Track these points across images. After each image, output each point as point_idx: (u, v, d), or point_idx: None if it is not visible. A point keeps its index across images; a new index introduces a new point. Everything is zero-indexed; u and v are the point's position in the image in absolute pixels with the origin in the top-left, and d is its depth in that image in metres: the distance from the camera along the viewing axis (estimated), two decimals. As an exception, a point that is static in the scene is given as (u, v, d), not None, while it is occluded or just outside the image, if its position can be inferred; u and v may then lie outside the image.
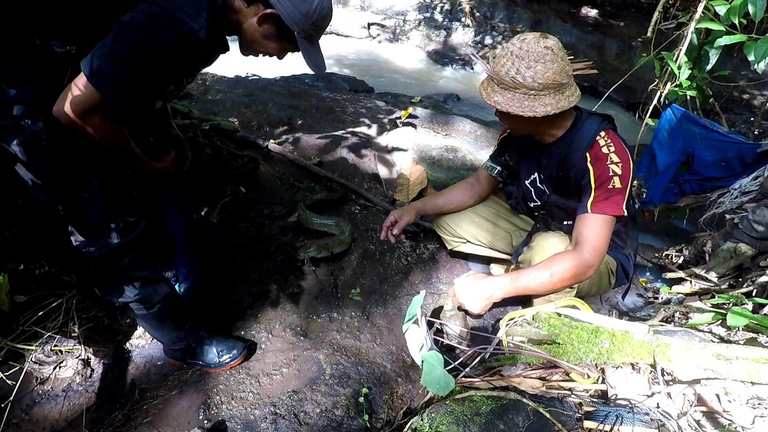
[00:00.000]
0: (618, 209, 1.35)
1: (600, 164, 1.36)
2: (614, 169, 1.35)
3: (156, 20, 1.08)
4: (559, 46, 1.32)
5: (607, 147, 1.37)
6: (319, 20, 1.24)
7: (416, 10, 7.31)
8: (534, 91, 1.29)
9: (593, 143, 1.38)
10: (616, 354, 1.20)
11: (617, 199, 1.34)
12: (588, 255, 1.34)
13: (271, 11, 1.19)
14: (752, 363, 1.06)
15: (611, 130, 1.42)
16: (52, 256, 1.74)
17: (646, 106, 2.98)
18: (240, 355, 1.58)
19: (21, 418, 1.40)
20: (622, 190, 1.34)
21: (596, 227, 1.36)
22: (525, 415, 1.08)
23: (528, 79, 1.28)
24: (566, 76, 1.31)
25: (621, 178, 1.34)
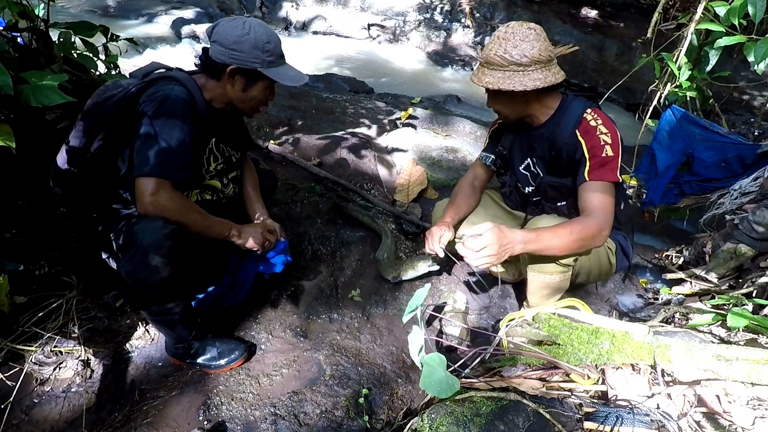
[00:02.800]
0: (614, 175, 1.41)
1: (590, 136, 1.43)
2: (605, 139, 1.41)
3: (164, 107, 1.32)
4: (541, 29, 1.41)
5: (595, 120, 1.45)
6: (267, 45, 1.39)
7: (416, 11, 7.31)
8: (522, 66, 1.37)
9: (581, 120, 1.46)
10: (617, 355, 1.20)
11: (612, 166, 1.41)
12: (599, 218, 1.39)
13: (231, 68, 1.38)
14: (752, 364, 1.06)
15: (597, 107, 1.50)
16: (52, 257, 1.74)
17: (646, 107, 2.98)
18: (240, 357, 1.58)
19: (21, 418, 1.40)
20: (615, 157, 1.41)
21: (599, 193, 1.41)
22: (525, 416, 1.08)
23: (515, 56, 1.37)
24: (550, 54, 1.40)
25: (612, 147, 1.41)
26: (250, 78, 1.42)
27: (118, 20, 7.08)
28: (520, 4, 6.96)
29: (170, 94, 1.33)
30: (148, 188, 1.28)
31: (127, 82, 1.41)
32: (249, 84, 1.43)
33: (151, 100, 1.32)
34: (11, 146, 1.31)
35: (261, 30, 1.38)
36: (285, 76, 1.43)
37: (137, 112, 1.33)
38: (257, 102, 1.49)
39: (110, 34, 2.15)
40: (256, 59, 1.37)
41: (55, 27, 1.87)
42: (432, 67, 6.69)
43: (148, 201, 1.28)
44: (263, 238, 1.53)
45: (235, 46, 1.35)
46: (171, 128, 1.31)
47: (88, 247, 1.74)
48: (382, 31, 7.39)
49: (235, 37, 1.35)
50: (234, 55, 1.36)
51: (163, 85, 1.35)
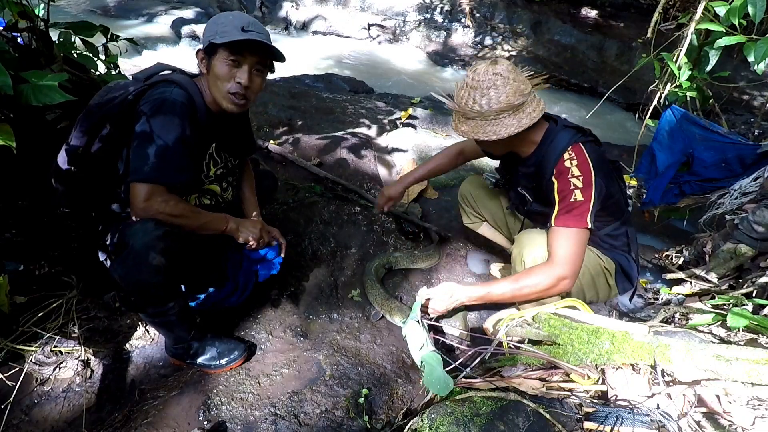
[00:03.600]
0: (581, 222, 1.36)
1: (562, 178, 1.39)
2: (575, 183, 1.37)
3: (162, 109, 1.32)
4: (509, 68, 1.38)
5: (570, 161, 1.40)
6: (225, 18, 1.37)
7: (416, 11, 7.31)
8: (492, 115, 1.36)
9: (559, 159, 1.41)
10: (617, 355, 1.20)
11: (579, 212, 1.36)
12: (558, 267, 1.36)
13: (198, 50, 1.42)
14: (752, 364, 1.06)
15: (581, 143, 1.43)
16: (52, 257, 1.74)
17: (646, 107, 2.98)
18: (240, 357, 1.58)
19: (21, 418, 1.40)
20: (584, 202, 1.36)
21: (562, 240, 1.38)
22: (525, 415, 1.08)
23: (484, 107, 1.36)
24: (521, 96, 1.36)
25: (582, 191, 1.36)
26: (208, 54, 1.38)
27: (118, 20, 7.08)
28: (520, 4, 6.96)
29: (169, 97, 1.32)
30: (141, 194, 1.27)
31: (129, 83, 1.41)
32: (210, 63, 1.38)
33: (149, 102, 1.32)
34: (11, 146, 1.31)
35: (228, 12, 1.40)
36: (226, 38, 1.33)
37: (136, 112, 1.33)
38: (222, 81, 1.38)
39: (110, 34, 2.15)
40: (211, 33, 1.35)
41: (55, 27, 1.87)
42: (432, 67, 6.70)
43: (140, 207, 1.27)
44: (260, 233, 1.52)
45: (203, 33, 1.40)
46: (168, 130, 1.29)
47: (88, 247, 1.74)
48: (382, 31, 7.39)
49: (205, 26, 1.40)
50: (202, 41, 1.39)
51: (163, 87, 1.35)
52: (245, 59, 1.37)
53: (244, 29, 1.33)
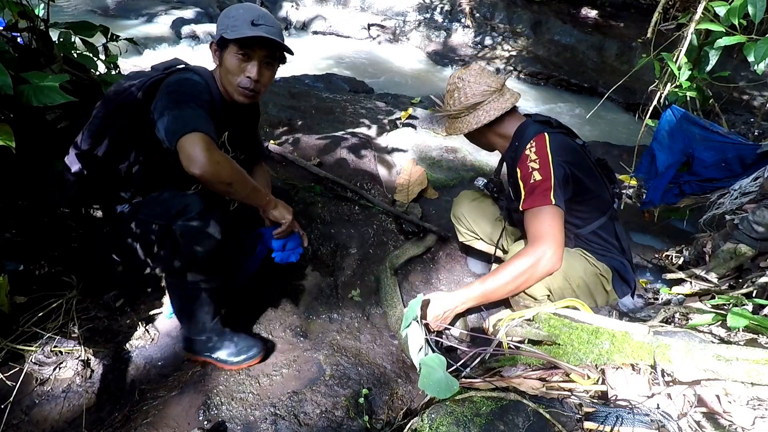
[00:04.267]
0: (545, 199, 1.37)
1: (522, 165, 1.46)
2: (532, 165, 1.42)
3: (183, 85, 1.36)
4: (473, 72, 1.57)
5: (529, 149, 1.45)
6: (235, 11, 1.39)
7: (416, 10, 7.31)
8: (455, 113, 1.59)
9: (523, 150, 1.47)
10: (617, 355, 1.20)
11: (541, 191, 1.39)
12: (536, 243, 1.37)
13: (210, 42, 1.46)
14: (752, 364, 1.06)
15: (545, 133, 1.47)
16: (52, 257, 1.74)
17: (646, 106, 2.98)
18: (258, 355, 1.57)
19: (21, 419, 1.40)
20: (543, 180, 1.39)
21: (532, 220, 1.40)
22: (525, 416, 1.08)
23: (451, 107, 1.60)
24: (480, 95, 1.54)
25: (540, 171, 1.40)
26: (220, 48, 1.42)
27: (118, 20, 7.08)
28: (520, 4, 6.96)
29: (190, 78, 1.38)
30: (197, 145, 1.22)
31: (149, 72, 1.43)
32: (222, 54, 1.42)
33: (171, 82, 1.36)
34: (11, 146, 1.31)
35: (239, 4, 1.42)
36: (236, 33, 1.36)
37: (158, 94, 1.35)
38: (232, 74, 1.42)
39: (110, 34, 2.15)
40: (223, 26, 1.38)
41: (55, 27, 1.87)
42: (432, 67, 6.70)
43: (202, 158, 1.21)
44: (292, 217, 1.53)
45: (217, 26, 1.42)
46: (195, 97, 1.33)
47: (88, 247, 1.74)
48: (382, 31, 7.39)
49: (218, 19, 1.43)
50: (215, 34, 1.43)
51: (181, 74, 1.40)
52: (255, 53, 1.40)
53: (254, 23, 1.36)
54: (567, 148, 1.49)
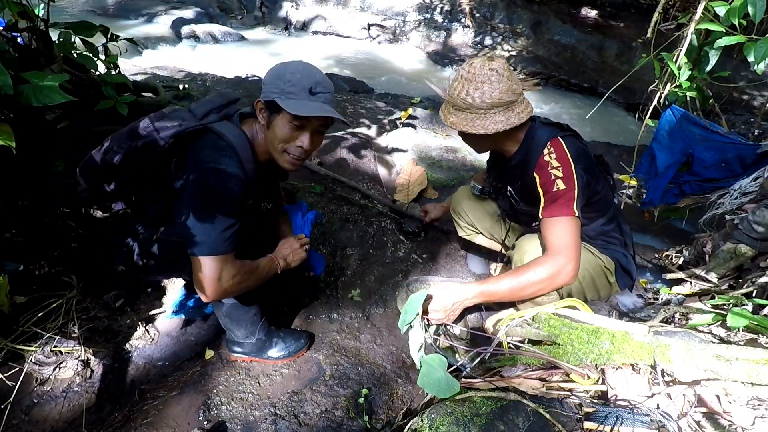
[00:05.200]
0: (568, 210, 1.36)
1: (543, 172, 1.41)
2: (555, 174, 1.39)
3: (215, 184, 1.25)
4: (504, 66, 1.40)
5: (549, 155, 1.42)
6: (292, 76, 1.27)
7: (416, 10, 7.31)
8: (483, 110, 1.38)
9: (541, 155, 1.43)
10: (616, 355, 1.20)
11: (564, 201, 1.37)
12: (557, 256, 1.35)
13: (257, 101, 1.33)
14: (752, 364, 1.06)
15: (559, 137, 1.45)
16: (52, 257, 1.74)
17: (646, 107, 2.98)
18: (305, 346, 1.67)
19: (21, 418, 1.40)
20: (568, 191, 1.37)
21: (553, 230, 1.38)
22: (525, 416, 1.08)
23: (477, 100, 1.37)
24: (513, 94, 1.39)
25: (564, 180, 1.38)
26: (271, 111, 1.30)
27: (118, 20, 7.08)
28: (520, 4, 6.96)
29: (225, 170, 1.25)
30: (210, 274, 1.25)
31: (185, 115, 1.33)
32: (271, 118, 1.31)
33: (203, 174, 1.25)
34: (11, 146, 1.31)
35: (296, 64, 1.30)
36: (297, 106, 1.25)
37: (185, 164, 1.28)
38: (280, 141, 1.32)
39: (110, 34, 2.15)
40: (276, 89, 1.26)
41: (55, 27, 1.87)
42: (432, 67, 6.69)
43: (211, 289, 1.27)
44: (300, 247, 1.56)
45: (265, 80, 1.30)
46: (225, 200, 1.25)
47: (88, 247, 1.75)
48: (382, 31, 7.39)
49: (268, 74, 1.30)
50: (263, 89, 1.29)
51: (216, 154, 1.27)
52: (310, 124, 1.30)
53: (312, 91, 1.27)
54: (582, 154, 1.47)
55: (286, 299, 1.89)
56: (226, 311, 1.50)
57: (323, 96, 1.29)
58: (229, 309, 1.49)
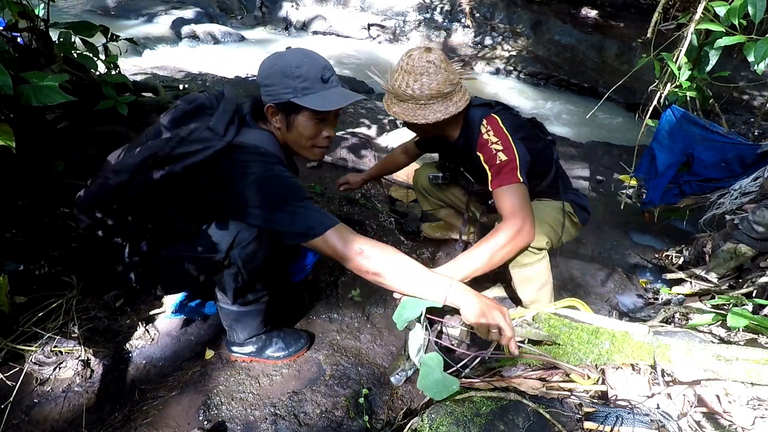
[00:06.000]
0: (513, 178, 1.45)
1: (484, 149, 1.51)
2: (496, 147, 1.49)
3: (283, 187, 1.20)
4: (441, 58, 1.47)
5: (487, 133, 1.52)
6: (297, 70, 1.21)
7: (416, 11, 7.31)
8: (423, 101, 1.47)
9: (478, 135, 1.53)
10: (617, 355, 1.20)
11: (508, 170, 1.46)
12: (512, 220, 1.42)
13: (266, 107, 1.26)
14: (752, 364, 1.06)
15: (492, 114, 1.55)
16: (52, 257, 1.74)
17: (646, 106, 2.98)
18: (305, 346, 1.65)
19: (21, 419, 1.40)
20: (510, 161, 1.46)
21: (505, 198, 1.46)
22: (525, 416, 1.08)
23: (416, 91, 1.46)
24: (450, 85, 1.47)
25: (504, 152, 1.47)
26: (288, 112, 1.26)
27: (118, 20, 7.08)
28: (520, 4, 6.96)
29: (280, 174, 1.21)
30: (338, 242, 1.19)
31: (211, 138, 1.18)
32: (289, 120, 1.27)
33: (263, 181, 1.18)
34: (11, 146, 1.31)
35: (291, 56, 1.23)
36: (322, 102, 1.23)
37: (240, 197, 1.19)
38: (308, 139, 1.30)
39: (110, 34, 2.15)
40: (287, 89, 1.21)
41: (55, 27, 1.87)
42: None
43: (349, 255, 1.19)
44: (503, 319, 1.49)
45: (266, 81, 1.23)
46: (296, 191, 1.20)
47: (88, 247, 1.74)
48: (382, 31, 7.39)
49: (265, 71, 1.23)
50: (267, 91, 1.24)
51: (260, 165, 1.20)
52: (330, 113, 1.29)
53: (324, 79, 1.24)
54: (517, 125, 1.57)
55: (286, 299, 1.89)
56: (234, 316, 1.50)
57: (334, 79, 1.26)
58: (238, 315, 1.50)
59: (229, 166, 1.18)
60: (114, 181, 1.19)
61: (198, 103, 1.30)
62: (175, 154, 1.15)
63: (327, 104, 1.22)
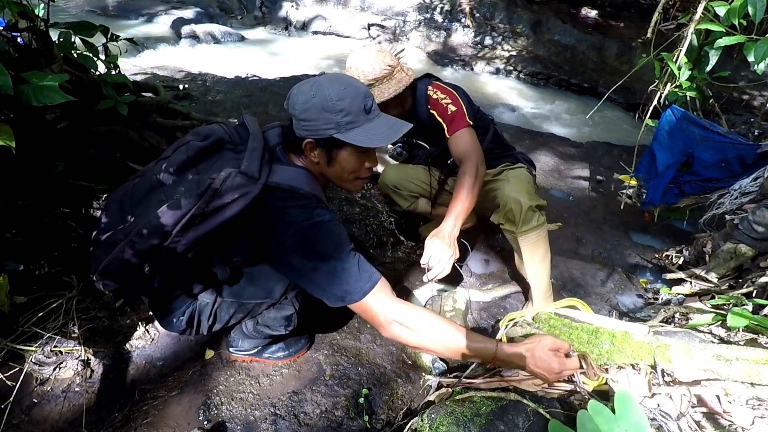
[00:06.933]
0: (464, 122, 1.71)
1: (436, 106, 1.77)
2: (445, 102, 1.75)
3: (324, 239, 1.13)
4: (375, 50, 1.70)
5: (435, 93, 1.78)
6: (339, 103, 1.10)
7: (416, 10, 7.31)
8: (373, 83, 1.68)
9: (428, 98, 1.79)
10: (617, 355, 1.20)
11: (459, 117, 1.72)
12: (472, 156, 1.64)
13: (305, 142, 1.15)
14: (752, 364, 1.06)
15: (435, 81, 1.85)
16: (52, 257, 1.74)
17: (646, 106, 2.98)
18: (305, 347, 1.67)
19: (21, 419, 1.40)
20: (458, 109, 1.72)
21: (460, 140, 1.70)
22: (525, 415, 1.08)
23: (362, 77, 1.68)
24: (388, 67, 1.68)
25: (452, 104, 1.74)
26: (329, 148, 1.16)
27: (118, 20, 7.08)
28: (520, 4, 6.96)
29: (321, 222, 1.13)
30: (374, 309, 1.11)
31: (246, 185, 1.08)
32: (331, 155, 1.17)
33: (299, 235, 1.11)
34: (11, 146, 1.31)
35: (330, 87, 1.11)
36: (369, 137, 1.13)
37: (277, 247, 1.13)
38: (351, 173, 1.21)
39: (110, 34, 2.15)
40: (329, 124, 1.11)
41: (55, 27, 1.87)
42: (432, 67, 6.69)
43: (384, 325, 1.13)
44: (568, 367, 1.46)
45: (304, 115, 1.11)
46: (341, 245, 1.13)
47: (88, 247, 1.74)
48: (382, 31, 7.38)
49: (301, 104, 1.11)
50: (305, 126, 1.12)
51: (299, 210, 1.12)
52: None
53: (366, 109, 1.14)
54: (456, 86, 1.84)
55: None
56: (250, 333, 1.51)
57: (375, 107, 1.17)
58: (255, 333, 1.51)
59: (266, 212, 1.11)
60: (143, 245, 1.09)
61: (215, 138, 1.16)
62: (211, 208, 1.06)
63: (376, 140, 1.13)
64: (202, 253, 1.17)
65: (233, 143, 1.17)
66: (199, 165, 1.15)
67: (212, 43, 6.72)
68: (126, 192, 1.21)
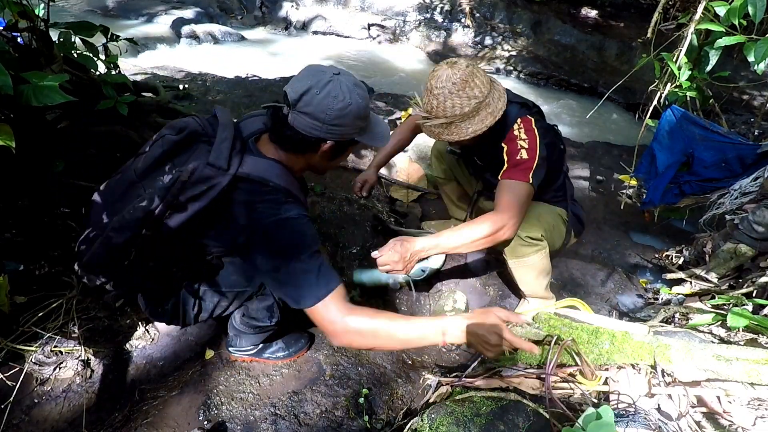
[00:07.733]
0: (524, 176, 1.49)
1: (511, 143, 1.56)
2: (522, 144, 1.53)
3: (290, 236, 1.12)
4: (466, 74, 1.48)
5: (518, 130, 1.57)
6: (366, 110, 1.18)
7: (416, 10, 7.30)
8: (457, 119, 1.50)
9: (509, 131, 1.58)
10: (617, 355, 1.20)
11: (523, 168, 1.51)
12: (502, 215, 1.46)
13: (329, 144, 1.16)
14: (752, 364, 1.06)
15: (528, 116, 1.60)
16: (52, 257, 1.74)
17: (646, 106, 2.98)
18: (305, 347, 1.67)
19: (21, 419, 1.40)
20: (529, 160, 1.51)
21: (506, 192, 1.50)
22: (525, 415, 1.08)
23: (448, 111, 1.50)
24: (478, 99, 1.49)
25: (528, 151, 1.52)
26: (343, 147, 1.22)
27: (118, 20, 7.07)
28: (520, 4, 6.96)
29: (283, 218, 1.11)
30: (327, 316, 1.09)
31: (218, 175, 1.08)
32: (339, 152, 1.23)
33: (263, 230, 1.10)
34: (11, 146, 1.31)
35: (355, 93, 1.13)
36: (374, 137, 1.24)
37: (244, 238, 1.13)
38: (336, 163, 1.31)
39: (110, 34, 2.15)
40: (356, 129, 1.17)
41: (55, 27, 1.86)
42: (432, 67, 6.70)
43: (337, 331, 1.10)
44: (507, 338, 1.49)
45: (337, 121, 1.12)
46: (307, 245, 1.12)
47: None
48: (382, 31, 7.38)
49: (337, 111, 1.11)
50: (334, 130, 1.13)
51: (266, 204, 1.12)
52: None
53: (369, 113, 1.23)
54: (547, 130, 1.65)
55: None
56: (240, 327, 1.51)
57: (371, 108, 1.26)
58: (244, 327, 1.51)
59: (234, 207, 1.11)
60: (118, 239, 1.10)
61: (189, 131, 1.16)
62: (180, 201, 1.08)
63: (378, 140, 1.23)
64: (180, 244, 1.18)
65: (207, 135, 1.17)
66: (175, 159, 1.15)
67: (212, 43, 6.72)
68: (108, 188, 1.22)
